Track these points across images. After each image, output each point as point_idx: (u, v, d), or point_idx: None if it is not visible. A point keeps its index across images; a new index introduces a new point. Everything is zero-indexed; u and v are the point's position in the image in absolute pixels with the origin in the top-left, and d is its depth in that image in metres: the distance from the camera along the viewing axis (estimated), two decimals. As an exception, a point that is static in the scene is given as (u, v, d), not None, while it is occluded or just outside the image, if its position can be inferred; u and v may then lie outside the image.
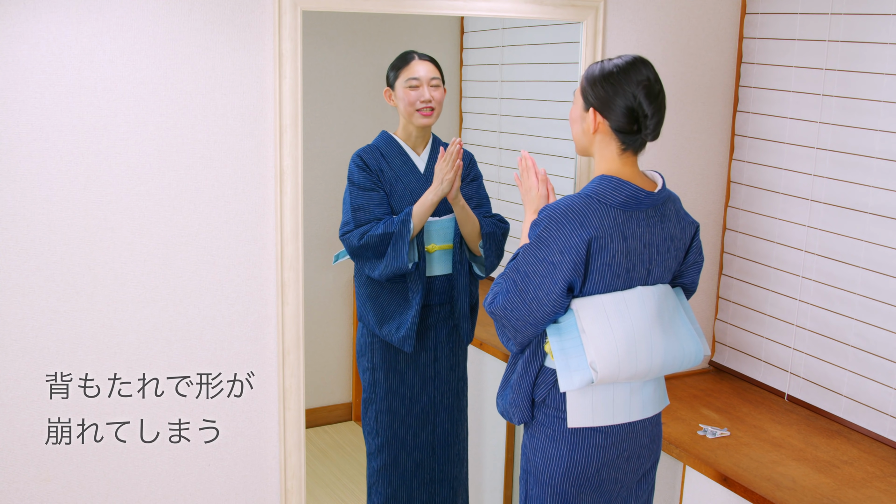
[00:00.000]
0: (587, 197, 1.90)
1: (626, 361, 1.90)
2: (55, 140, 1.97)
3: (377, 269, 2.56)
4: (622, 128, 1.92)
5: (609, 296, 1.91)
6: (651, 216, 1.95)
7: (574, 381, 1.92)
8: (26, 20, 1.90)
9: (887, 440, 2.50)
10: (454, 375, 2.77)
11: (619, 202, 1.90)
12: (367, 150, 2.64)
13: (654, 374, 1.96)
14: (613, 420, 1.98)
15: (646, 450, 2.07)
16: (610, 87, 1.90)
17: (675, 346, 1.97)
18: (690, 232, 2.05)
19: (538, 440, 2.02)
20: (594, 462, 1.98)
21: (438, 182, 2.54)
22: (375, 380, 2.70)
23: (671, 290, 2.03)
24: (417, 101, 2.60)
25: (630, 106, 1.89)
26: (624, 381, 1.95)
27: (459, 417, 2.81)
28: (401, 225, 2.53)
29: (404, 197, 2.62)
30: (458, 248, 2.68)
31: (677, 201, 2.05)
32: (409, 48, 2.68)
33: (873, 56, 2.46)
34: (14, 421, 2.03)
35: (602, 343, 1.89)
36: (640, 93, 1.89)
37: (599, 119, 1.93)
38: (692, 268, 2.10)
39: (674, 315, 2.00)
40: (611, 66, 1.92)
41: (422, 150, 2.70)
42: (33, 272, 1.99)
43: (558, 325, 1.95)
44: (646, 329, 1.92)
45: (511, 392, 2.06)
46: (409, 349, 2.61)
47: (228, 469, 2.26)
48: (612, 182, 1.91)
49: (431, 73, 2.62)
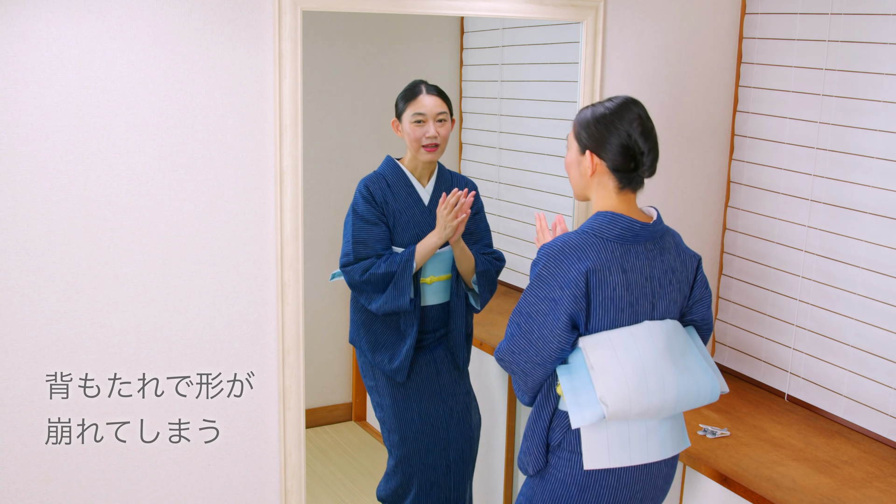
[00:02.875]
0: (583, 233, 1.93)
1: (636, 395, 1.88)
2: (55, 140, 1.97)
3: (375, 303, 2.57)
4: (619, 166, 1.93)
5: (616, 331, 1.92)
6: (650, 249, 1.96)
7: (585, 417, 1.90)
8: (26, 20, 1.90)
9: (887, 440, 2.50)
10: (459, 389, 2.76)
11: (616, 234, 1.92)
12: (374, 180, 2.64)
13: (668, 410, 1.94)
14: (631, 461, 1.95)
15: (660, 491, 2.05)
16: (604, 127, 1.92)
17: (688, 380, 1.95)
18: (692, 265, 2.05)
19: (548, 483, 1.99)
20: (604, 503, 1.96)
21: (441, 228, 2.55)
22: (381, 398, 2.71)
23: (680, 326, 2.02)
24: (423, 136, 2.60)
25: (625, 144, 1.91)
26: (637, 418, 1.93)
27: (472, 435, 2.79)
28: (403, 265, 2.54)
29: (407, 228, 2.63)
30: (455, 279, 2.69)
31: (676, 236, 2.06)
32: (408, 48, 2.68)
33: (873, 56, 2.46)
34: (14, 421, 2.03)
35: (611, 378, 1.88)
36: (634, 130, 1.91)
37: (596, 160, 1.95)
38: (700, 303, 2.08)
39: (685, 350, 1.99)
40: (602, 109, 1.94)
41: (427, 181, 2.70)
42: (33, 272, 1.99)
43: (567, 366, 1.95)
44: (656, 363, 1.91)
45: (525, 440, 2.04)
46: (401, 379, 2.63)
47: (228, 469, 2.26)
48: (607, 216, 1.93)
49: (438, 107, 2.61)
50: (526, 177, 3.12)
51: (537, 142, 3.06)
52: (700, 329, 2.12)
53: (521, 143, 3.13)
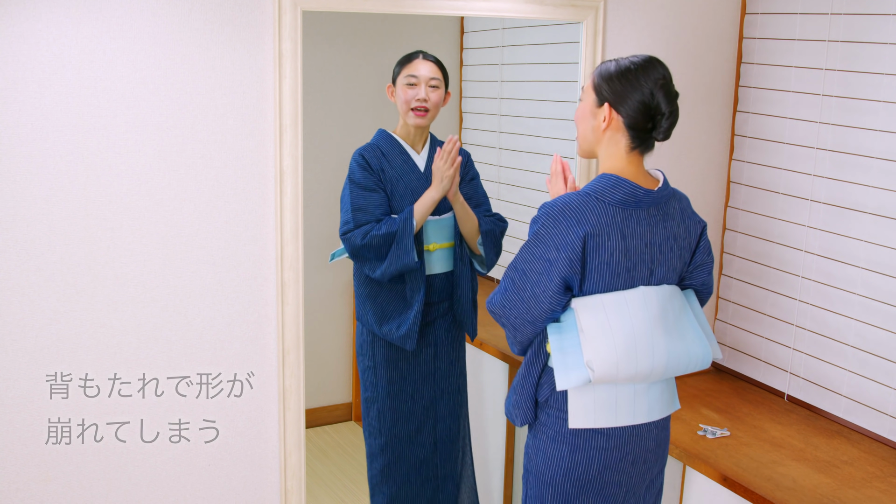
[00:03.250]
0: (585, 195, 1.90)
1: (624, 361, 1.88)
2: (55, 140, 1.97)
3: (378, 269, 2.56)
4: (636, 124, 1.90)
5: (609, 295, 1.91)
6: (653, 215, 1.93)
7: (571, 380, 1.91)
8: (26, 20, 1.90)
9: (887, 440, 2.50)
10: (454, 371, 2.77)
11: (618, 199, 1.89)
12: (369, 149, 2.64)
13: (657, 375, 1.94)
14: (616, 422, 1.96)
15: (652, 454, 2.05)
16: (627, 82, 1.88)
17: (679, 347, 1.94)
18: (696, 231, 2.02)
19: (540, 441, 2.01)
20: (595, 464, 1.97)
21: (438, 180, 2.55)
22: (377, 378, 2.70)
23: (678, 291, 2.01)
24: (413, 99, 2.60)
25: (647, 102, 1.87)
26: (625, 382, 1.94)
27: (460, 413, 2.81)
28: (404, 223, 2.53)
29: (405, 196, 2.62)
30: (458, 246, 2.68)
31: (684, 200, 2.02)
32: (408, 48, 2.69)
33: (873, 56, 2.46)
34: (14, 421, 2.03)
35: (600, 342, 1.88)
36: (657, 90, 1.88)
37: (613, 115, 1.91)
38: (700, 269, 2.07)
39: (680, 316, 1.98)
40: (627, 63, 1.90)
41: (421, 148, 2.70)
42: (33, 272, 1.99)
43: (559, 325, 1.95)
44: (647, 329, 1.90)
45: (514, 393, 2.05)
46: (411, 347, 2.61)
47: (228, 469, 2.26)
48: (611, 180, 1.90)
49: (432, 73, 2.62)
50: (526, 177, 3.12)
51: (537, 142, 3.06)
52: (699, 293, 2.11)
53: (521, 143, 3.13)
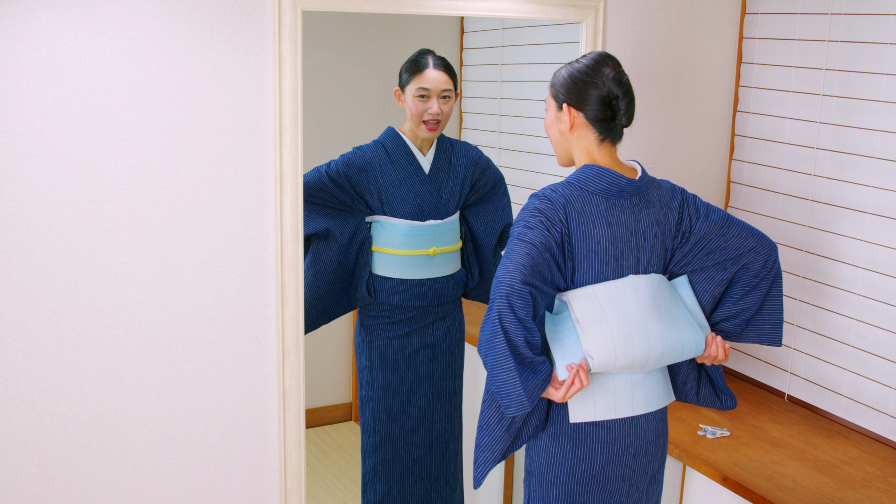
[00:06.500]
0: (569, 184, 1.95)
1: (622, 348, 1.91)
2: (55, 140, 1.96)
3: None
4: (598, 116, 1.96)
5: (601, 285, 1.94)
6: (635, 203, 1.98)
7: None
8: (26, 20, 1.90)
9: (887, 440, 2.50)
10: (452, 372, 2.77)
11: (601, 189, 1.94)
12: (367, 150, 2.62)
13: (653, 363, 1.97)
14: (616, 414, 1.98)
15: (652, 446, 2.06)
16: (581, 82, 1.96)
17: (673, 334, 1.97)
18: (675, 205, 2.03)
19: (541, 440, 2.02)
20: (598, 459, 1.98)
21: None
22: (373, 378, 2.70)
23: (665, 280, 2.05)
24: (425, 112, 2.58)
25: (602, 94, 1.95)
26: (623, 371, 1.96)
27: (455, 414, 2.81)
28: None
29: (407, 199, 2.61)
30: (468, 247, 2.67)
31: (663, 185, 2.05)
32: (409, 48, 2.68)
33: (873, 56, 2.46)
34: (14, 421, 2.03)
35: (597, 331, 1.90)
36: (609, 82, 1.95)
37: (574, 113, 1.98)
38: (721, 235, 2.05)
39: (671, 304, 2.01)
40: (577, 65, 1.98)
41: (428, 150, 2.68)
42: (33, 272, 1.99)
43: (554, 317, 1.97)
44: (641, 316, 1.93)
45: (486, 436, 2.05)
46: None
47: (228, 469, 2.26)
48: (594, 169, 1.96)
49: (443, 84, 2.58)
50: (526, 177, 3.12)
51: (537, 142, 3.06)
52: (748, 270, 2.09)
53: (521, 143, 3.13)
